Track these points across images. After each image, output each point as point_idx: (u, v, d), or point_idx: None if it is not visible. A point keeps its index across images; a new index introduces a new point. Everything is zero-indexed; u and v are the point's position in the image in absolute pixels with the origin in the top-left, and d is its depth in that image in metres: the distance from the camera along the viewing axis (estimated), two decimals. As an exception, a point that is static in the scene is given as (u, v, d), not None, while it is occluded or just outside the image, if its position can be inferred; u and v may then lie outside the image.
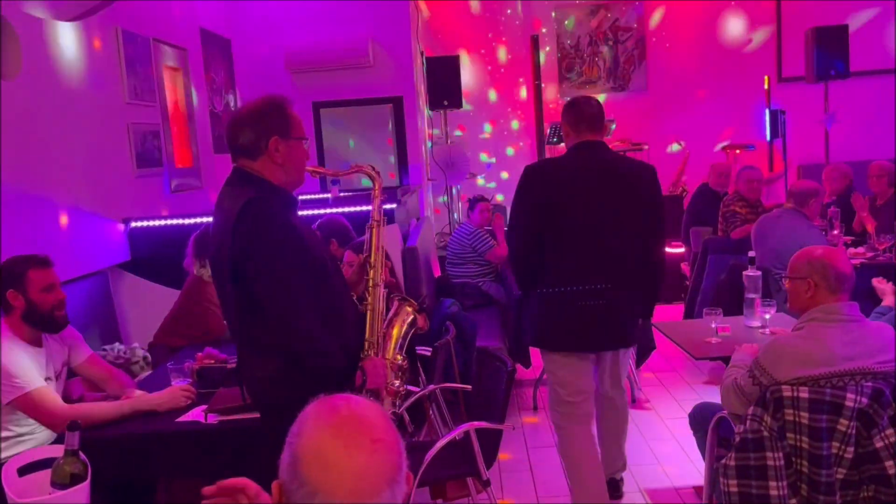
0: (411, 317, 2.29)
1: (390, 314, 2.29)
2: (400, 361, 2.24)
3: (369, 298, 2.22)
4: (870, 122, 7.99)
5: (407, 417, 3.22)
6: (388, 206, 4.61)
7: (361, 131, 7.53)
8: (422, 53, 7.78)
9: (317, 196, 6.29)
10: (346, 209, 4.68)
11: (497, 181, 8.51)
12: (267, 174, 2.09)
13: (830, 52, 6.96)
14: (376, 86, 7.17)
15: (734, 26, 8.27)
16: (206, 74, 6.23)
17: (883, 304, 3.14)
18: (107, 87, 4.49)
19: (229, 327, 2.24)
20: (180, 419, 2.63)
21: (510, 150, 8.53)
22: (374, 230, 2.27)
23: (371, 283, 2.23)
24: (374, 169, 2.33)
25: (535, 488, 3.63)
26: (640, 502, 3.39)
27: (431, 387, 3.23)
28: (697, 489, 3.40)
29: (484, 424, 2.79)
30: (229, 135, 2.12)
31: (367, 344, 2.17)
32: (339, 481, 0.97)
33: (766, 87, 7.94)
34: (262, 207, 1.99)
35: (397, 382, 2.22)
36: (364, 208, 4.69)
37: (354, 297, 2.28)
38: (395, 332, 2.28)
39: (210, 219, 4.52)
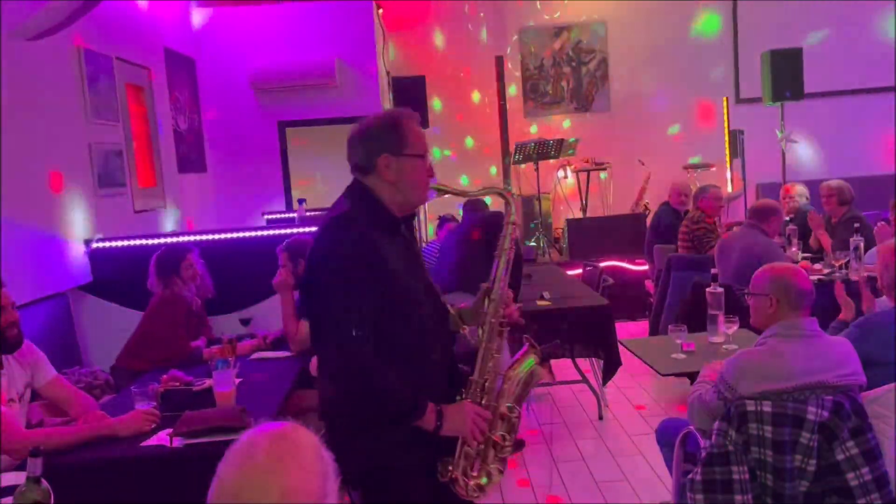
0: (534, 366, 1.99)
1: (516, 357, 2.03)
2: (508, 412, 1.96)
3: (482, 335, 1.99)
4: (824, 141, 8.24)
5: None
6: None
7: (328, 151, 7.52)
8: (388, 73, 7.82)
9: (283, 215, 6.26)
10: (313, 228, 4.66)
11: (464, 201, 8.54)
12: (376, 191, 1.98)
13: (785, 73, 7.17)
14: (343, 105, 7.18)
15: (694, 48, 8.48)
16: (171, 94, 6.18)
17: (839, 318, 3.22)
18: (67, 106, 4.43)
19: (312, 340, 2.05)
20: (144, 444, 2.57)
21: (475, 169, 8.59)
22: (500, 260, 2.03)
23: (487, 318, 2.00)
24: (507, 190, 2.13)
25: (500, 488, 3.62)
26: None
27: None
28: (664, 504, 3.43)
29: None
30: (347, 151, 2.05)
31: (469, 385, 1.96)
32: None
33: (724, 107, 8.15)
34: (345, 227, 1.90)
35: (501, 434, 1.95)
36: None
37: (465, 331, 2.07)
38: (513, 378, 2.00)
39: (174, 239, 4.49)
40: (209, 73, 7.11)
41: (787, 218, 5.76)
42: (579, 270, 6.69)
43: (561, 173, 8.34)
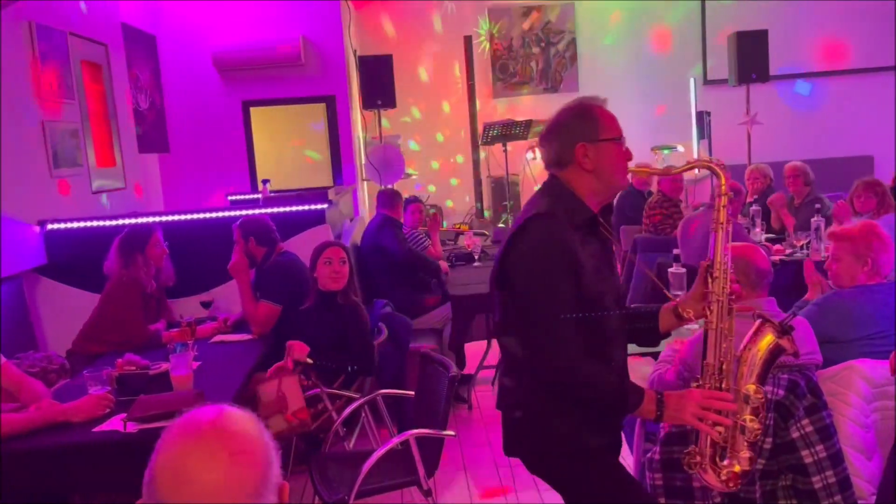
0: (774, 341, 1.88)
1: (749, 336, 1.92)
2: (753, 393, 1.85)
3: (711, 316, 1.90)
4: (789, 123, 8.33)
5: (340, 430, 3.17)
6: (318, 207, 4.54)
7: (294, 130, 7.42)
8: (355, 52, 7.71)
9: (247, 196, 6.16)
10: (277, 209, 4.59)
11: (434, 182, 8.51)
12: (575, 184, 1.95)
13: (751, 55, 7.21)
14: (308, 85, 7.07)
15: (662, 29, 8.49)
16: (130, 71, 6.02)
17: (806, 296, 3.25)
18: (18, 83, 4.28)
19: (493, 318, 2.01)
20: (97, 429, 2.52)
21: (440, 137, 8.54)
22: (718, 234, 1.94)
23: (714, 298, 1.91)
24: (718, 163, 2.02)
25: (468, 489, 3.63)
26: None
27: (372, 394, 3.19)
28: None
29: (425, 432, 2.75)
30: (540, 148, 2.02)
31: (704, 370, 1.90)
32: (194, 497, 0.95)
33: (692, 89, 8.18)
34: (543, 228, 1.88)
35: (745, 418, 1.84)
36: (295, 209, 4.61)
37: (691, 314, 1.99)
38: (752, 357, 1.89)
39: (133, 220, 4.39)
40: (171, 50, 6.94)
41: (752, 198, 5.81)
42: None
43: (530, 154, 8.31)
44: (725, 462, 1.86)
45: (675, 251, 3.57)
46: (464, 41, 8.11)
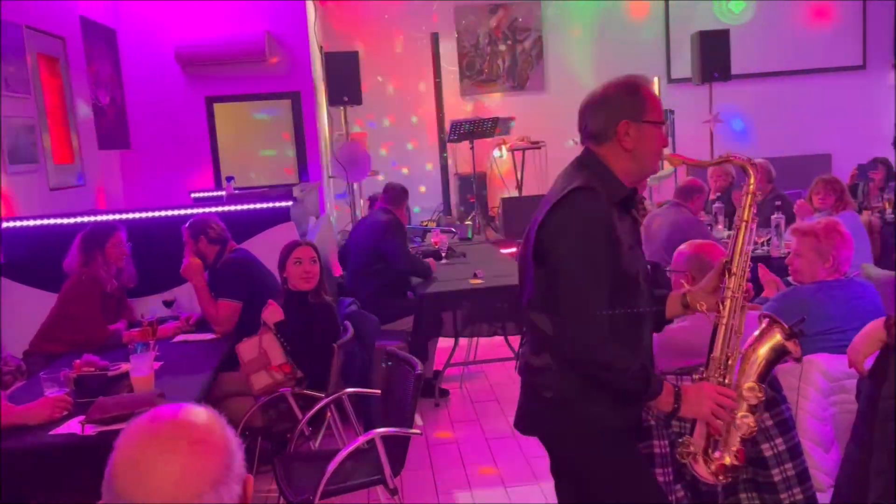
0: (780, 342, 1.90)
1: (756, 334, 1.95)
2: (755, 390, 1.88)
3: (723, 311, 1.92)
4: (750, 122, 8.47)
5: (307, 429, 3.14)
6: (283, 204, 4.50)
7: (259, 127, 7.33)
8: (320, 48, 7.64)
9: (211, 194, 6.07)
10: (241, 207, 4.53)
11: (399, 178, 8.47)
12: (611, 160, 1.92)
13: (713, 54, 7.31)
14: (274, 81, 6.99)
15: (627, 28, 8.56)
16: (89, 66, 5.89)
17: (763, 294, 3.30)
18: (-27, 78, 4.17)
19: (522, 298, 1.96)
20: (54, 432, 2.46)
21: (410, 147, 8.52)
22: (740, 231, 1.96)
23: (729, 293, 1.92)
24: (751, 162, 2.02)
25: (435, 487, 3.62)
26: (538, 492, 3.44)
27: (338, 393, 3.16)
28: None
29: (390, 431, 2.74)
30: (579, 118, 1.97)
31: (710, 363, 1.91)
32: (155, 488, 0.94)
33: (656, 87, 8.26)
34: (586, 201, 1.84)
35: (741, 414, 1.87)
36: (260, 206, 4.55)
37: (704, 308, 1.98)
38: (756, 356, 1.91)
39: (92, 218, 4.29)
40: (132, 45, 6.81)
41: (715, 196, 5.89)
42: (514, 249, 6.72)
43: (497, 152, 8.33)
44: (716, 455, 1.89)
45: (640, 248, 3.62)
46: (430, 39, 8.09)
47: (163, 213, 4.52)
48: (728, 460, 1.88)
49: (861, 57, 8.72)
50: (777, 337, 1.90)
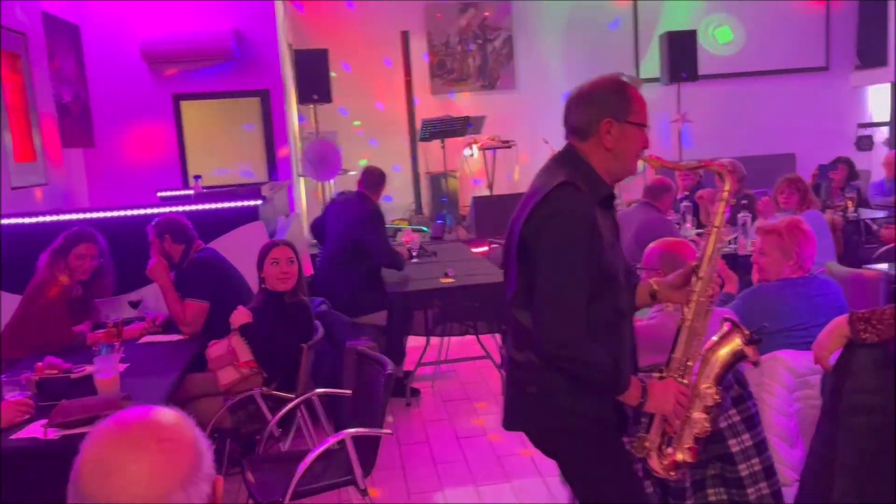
0: (739, 347, 1.94)
1: (717, 338, 1.98)
2: (711, 392, 1.93)
3: (688, 313, 1.95)
4: (717, 121, 8.58)
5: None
6: (252, 203, 4.45)
7: (227, 125, 7.24)
8: (290, 46, 7.58)
9: (178, 193, 5.99)
10: (209, 206, 4.47)
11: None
12: (592, 157, 1.94)
13: (681, 55, 7.39)
14: (242, 79, 6.91)
15: (596, 28, 8.62)
16: (52, 63, 5.76)
17: (724, 290, 3.34)
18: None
19: (506, 296, 1.97)
20: (15, 436, 2.40)
21: (380, 145, 8.49)
22: (711, 236, 1.99)
23: (694, 297, 1.95)
24: (727, 168, 2.04)
25: (406, 487, 3.61)
26: (508, 490, 3.44)
27: (307, 394, 3.14)
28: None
29: (361, 431, 2.72)
30: (565, 111, 1.98)
31: (670, 363, 1.95)
32: (123, 489, 0.93)
33: (626, 87, 8.33)
34: (570, 197, 1.86)
35: (696, 414, 1.92)
36: (228, 205, 4.50)
37: (670, 307, 2.04)
38: (715, 358, 1.95)
39: (54, 218, 4.20)
40: (96, 41, 6.68)
41: (683, 195, 5.96)
42: (485, 248, 6.73)
43: (468, 151, 8.34)
44: (669, 450, 1.94)
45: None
46: (401, 37, 8.07)
47: (128, 213, 4.44)
48: (680, 457, 1.94)
49: (824, 58, 8.89)
50: (737, 342, 1.94)
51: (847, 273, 3.74)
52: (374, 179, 4.98)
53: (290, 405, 3.07)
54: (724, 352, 1.94)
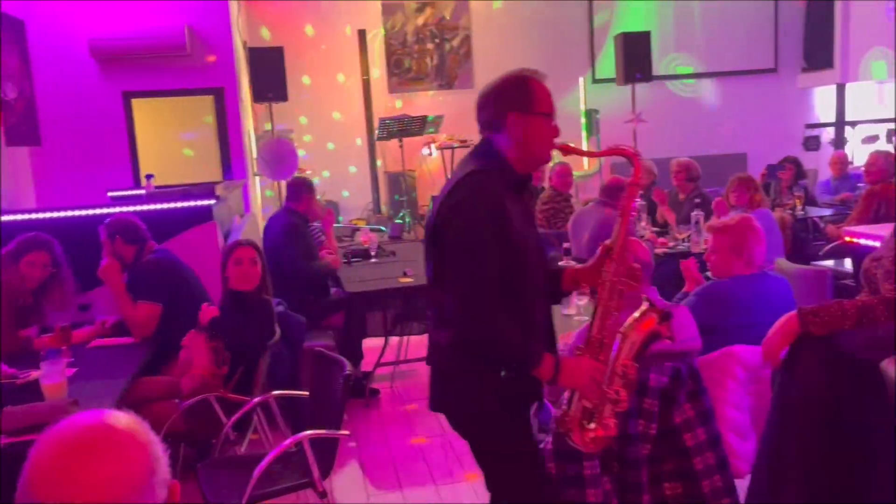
0: (655, 324, 2.01)
1: (634, 317, 2.04)
2: (628, 371, 1.99)
3: (603, 293, 2.03)
4: (672, 122, 8.73)
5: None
6: (205, 203, 4.37)
7: (180, 123, 7.11)
8: (244, 44, 7.47)
9: (129, 192, 5.85)
10: (161, 206, 4.38)
11: (329, 177, 8.37)
12: (503, 148, 2.04)
13: (636, 56, 7.50)
14: (195, 76, 6.78)
15: (554, 29, 8.69)
16: (-5, 58, 5.58)
17: (684, 289, 3.40)
18: None
19: (428, 286, 2.05)
20: (-43, 445, 2.31)
21: (331, 146, 8.44)
22: (623, 219, 2.07)
23: (608, 277, 2.03)
24: (636, 152, 2.13)
25: (365, 488, 3.59)
26: (468, 489, 3.45)
27: (264, 396, 3.09)
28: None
29: (319, 433, 2.69)
30: (476, 109, 2.09)
31: (588, 341, 2.02)
32: (75, 495, 0.92)
33: (581, 87, 8.43)
34: (480, 182, 1.97)
35: (615, 390, 1.98)
36: (181, 205, 4.41)
37: (586, 288, 2.13)
38: (633, 337, 2.01)
39: (7, 217, 4.06)
40: (42, 36, 6.48)
41: (638, 193, 6.04)
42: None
43: (426, 150, 8.33)
44: (591, 426, 2.00)
45: (566, 245, 3.68)
46: (358, 35, 8.02)
47: (77, 213, 4.32)
48: (602, 432, 2.00)
49: (773, 60, 9.11)
50: (652, 319, 2.02)
51: (795, 269, 3.83)
52: (294, 189, 4.94)
53: (246, 407, 3.03)
54: (642, 330, 2.02)
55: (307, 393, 3.10)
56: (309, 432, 2.66)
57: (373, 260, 5.37)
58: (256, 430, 3.36)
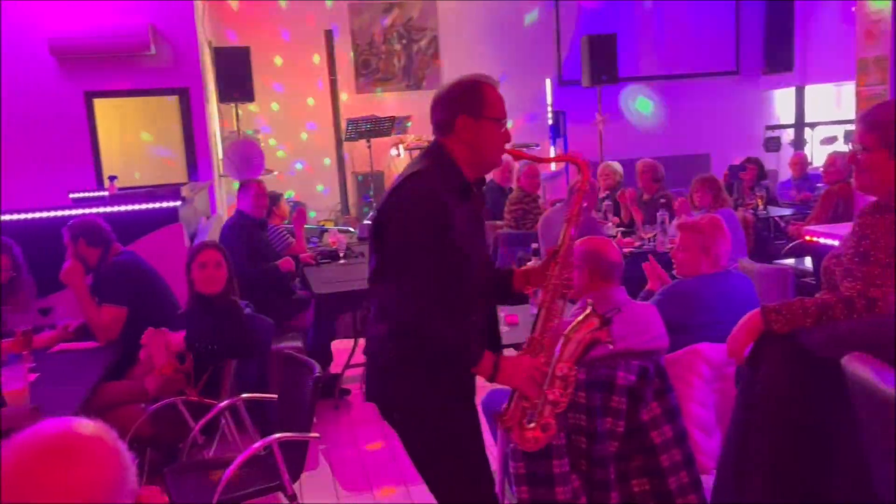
0: (595, 329, 2.03)
1: (577, 320, 2.07)
2: (567, 372, 2.01)
3: (546, 295, 2.06)
4: (637, 123, 8.85)
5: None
6: (171, 204, 4.31)
7: (144, 124, 7.00)
8: (210, 43, 7.38)
9: (91, 194, 5.74)
10: (125, 207, 4.31)
11: (297, 178, 8.31)
12: (454, 151, 2.07)
13: (601, 58, 7.58)
14: (160, 76, 6.69)
15: (520, 30, 8.74)
16: (-49, 56, 5.44)
17: (647, 287, 3.44)
18: None
19: (368, 280, 2.07)
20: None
21: (305, 144, 8.38)
22: (569, 224, 2.10)
23: (552, 280, 2.07)
24: (584, 160, 2.16)
25: (335, 490, 3.57)
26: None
27: (232, 399, 3.06)
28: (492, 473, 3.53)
29: (288, 436, 2.67)
30: (430, 111, 2.13)
31: (530, 341, 2.05)
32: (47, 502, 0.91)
33: (548, 89, 8.49)
34: (423, 182, 2.01)
35: (557, 392, 2.00)
36: (146, 207, 4.34)
37: (531, 290, 2.17)
38: (576, 338, 2.03)
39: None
40: (1, 35, 6.34)
41: (604, 194, 6.11)
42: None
43: (394, 151, 8.32)
44: (531, 425, 2.02)
45: (535, 245, 3.70)
46: (325, 36, 7.98)
47: (38, 215, 4.24)
48: (539, 432, 2.03)
49: (735, 63, 9.28)
50: (593, 323, 2.05)
51: (758, 268, 3.91)
52: (242, 191, 4.88)
53: (214, 411, 3.00)
54: (583, 333, 2.05)
55: (276, 396, 3.08)
56: (278, 435, 2.64)
57: (341, 261, 5.35)
58: (225, 434, 3.33)
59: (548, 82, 8.51)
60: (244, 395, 3.11)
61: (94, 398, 2.99)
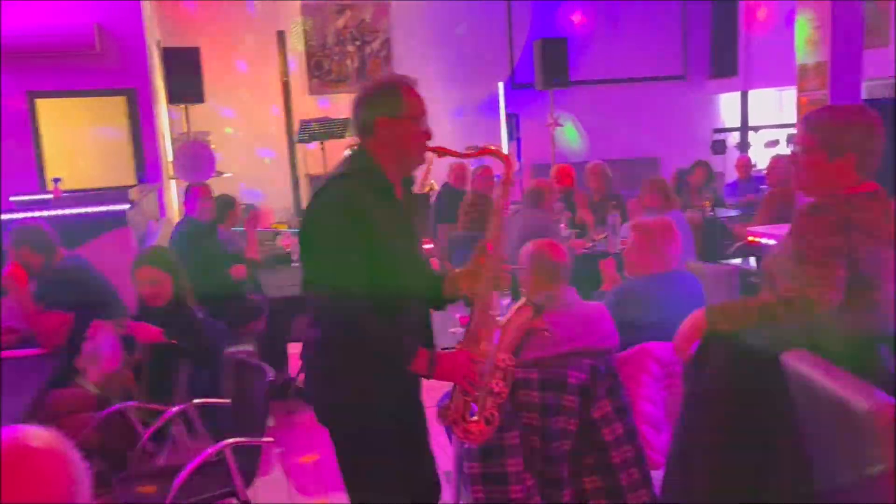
0: (530, 318, 2.07)
1: (512, 311, 2.10)
2: (506, 363, 2.05)
3: (480, 288, 2.08)
4: (587, 126, 8.98)
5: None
6: (118, 207, 4.22)
7: (90, 124, 6.83)
8: (158, 43, 7.24)
9: (34, 197, 5.58)
10: (71, 210, 4.20)
11: (249, 180, 8.20)
12: (377, 153, 2.07)
13: (553, 62, 7.67)
14: (106, 76, 6.54)
15: (473, 33, 8.79)
16: None
17: (602, 288, 3.51)
18: None
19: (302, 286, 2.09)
20: None
21: (257, 146, 8.28)
22: (496, 217, 2.13)
23: (484, 273, 2.08)
24: (505, 153, 2.17)
25: (290, 495, 3.54)
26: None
27: (184, 405, 3.00)
28: (447, 474, 3.54)
29: (240, 441, 2.65)
30: (351, 115, 2.13)
31: (466, 335, 2.07)
32: None
33: (501, 92, 8.56)
34: (340, 186, 2.03)
35: (495, 382, 2.01)
36: (92, 210, 4.24)
37: (463, 290, 2.15)
38: (512, 327, 2.06)
39: None
40: (-63, 31, 6.11)
41: (558, 197, 6.18)
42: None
43: (348, 153, 8.26)
44: (474, 419, 2.05)
45: (489, 247, 3.73)
46: (277, 37, 7.90)
47: (-23, 219, 4.10)
48: (483, 425, 2.05)
49: (682, 67, 9.49)
50: (527, 313, 2.10)
51: (705, 268, 4.01)
52: (188, 195, 4.78)
53: (165, 417, 2.94)
54: (519, 323, 2.09)
55: (229, 401, 3.04)
56: (230, 440, 2.61)
57: (294, 264, 5.30)
58: (176, 441, 3.27)
59: (500, 85, 8.57)
60: (196, 401, 3.06)
61: (42, 407, 2.91)
